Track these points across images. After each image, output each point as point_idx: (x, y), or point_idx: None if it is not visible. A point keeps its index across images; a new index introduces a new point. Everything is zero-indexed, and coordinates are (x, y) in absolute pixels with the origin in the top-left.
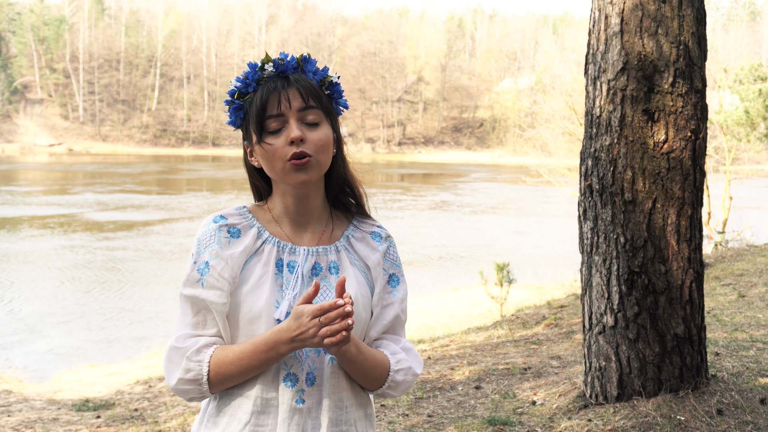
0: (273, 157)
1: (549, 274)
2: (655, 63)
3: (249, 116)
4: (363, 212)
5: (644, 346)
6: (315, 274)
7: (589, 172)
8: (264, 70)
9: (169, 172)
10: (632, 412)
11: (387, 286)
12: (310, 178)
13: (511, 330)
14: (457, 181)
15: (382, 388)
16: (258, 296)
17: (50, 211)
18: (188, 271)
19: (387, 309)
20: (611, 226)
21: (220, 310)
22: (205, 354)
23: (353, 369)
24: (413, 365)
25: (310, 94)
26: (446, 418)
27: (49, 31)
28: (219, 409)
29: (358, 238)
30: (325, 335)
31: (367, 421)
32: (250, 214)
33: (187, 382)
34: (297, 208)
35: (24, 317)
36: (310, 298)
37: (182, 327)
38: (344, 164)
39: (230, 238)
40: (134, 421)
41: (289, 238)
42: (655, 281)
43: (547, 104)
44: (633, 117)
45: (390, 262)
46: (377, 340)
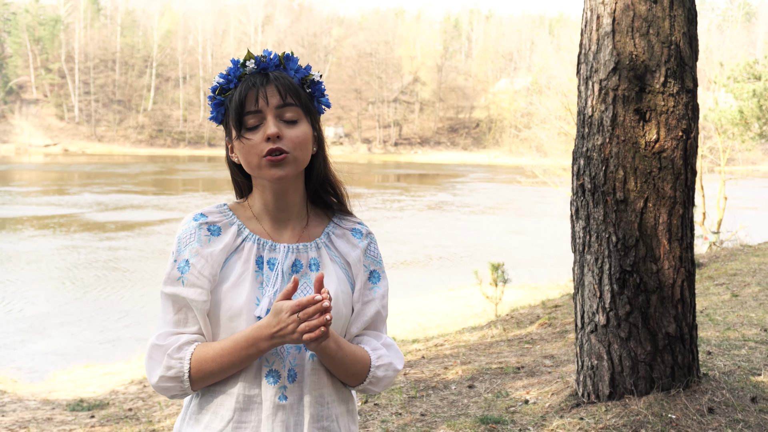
0: (250, 152)
1: (544, 274)
2: (647, 63)
3: (229, 112)
4: (344, 210)
5: (636, 345)
6: (295, 271)
7: (581, 172)
8: (245, 67)
9: (166, 173)
10: (624, 410)
11: (368, 282)
12: (286, 173)
13: (505, 330)
14: (454, 182)
15: (363, 384)
16: (238, 294)
17: (50, 212)
18: (169, 269)
19: (368, 305)
20: (603, 225)
21: (200, 308)
22: (186, 351)
23: (333, 365)
24: (394, 361)
25: (288, 92)
26: (439, 417)
27: (45, 31)
28: (201, 407)
29: (339, 235)
30: (304, 331)
31: (349, 417)
32: (230, 211)
33: (169, 380)
34: (276, 205)
35: (20, 317)
36: (289, 295)
37: (163, 325)
38: (325, 163)
39: (210, 236)
40: (128, 420)
41: (269, 236)
42: (647, 280)
43: (542, 105)
44: (624, 117)
45: (371, 259)
46: (358, 336)
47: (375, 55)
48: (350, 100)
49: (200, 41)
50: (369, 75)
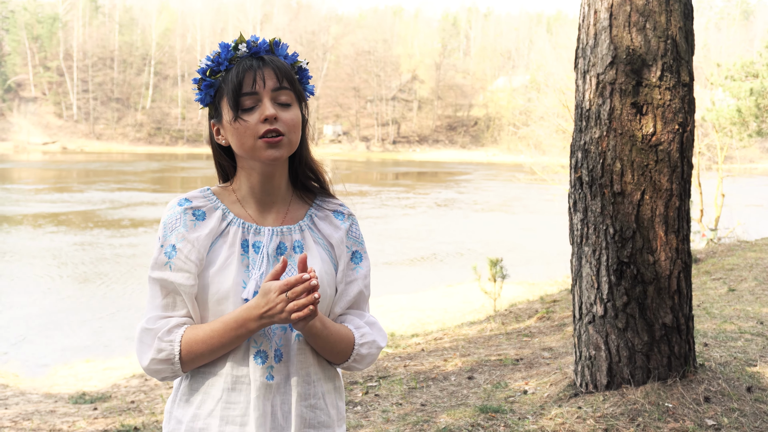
0: (244, 134)
1: (542, 270)
2: (643, 57)
3: (221, 94)
4: (326, 192)
5: (633, 335)
6: (280, 253)
7: (578, 165)
8: (237, 50)
9: (171, 170)
10: (621, 399)
11: (350, 263)
12: (282, 154)
13: (504, 323)
14: (459, 179)
15: (348, 362)
16: (225, 277)
17: (63, 209)
18: (156, 255)
19: (351, 285)
20: (600, 218)
21: (188, 292)
22: (176, 334)
23: (319, 344)
24: (377, 339)
25: (284, 76)
26: (439, 407)
27: (43, 29)
28: (191, 388)
29: (321, 217)
30: (293, 310)
31: (336, 394)
32: (214, 196)
33: (160, 362)
34: (263, 188)
35: (22, 312)
36: (278, 275)
37: (152, 309)
38: (307, 147)
39: (195, 221)
40: (131, 412)
41: (254, 219)
42: (644, 271)
43: (540, 102)
44: (622, 110)
45: (353, 240)
46: (342, 315)
47: (373, 53)
48: (348, 98)
49: (198, 39)
50: (367, 73)
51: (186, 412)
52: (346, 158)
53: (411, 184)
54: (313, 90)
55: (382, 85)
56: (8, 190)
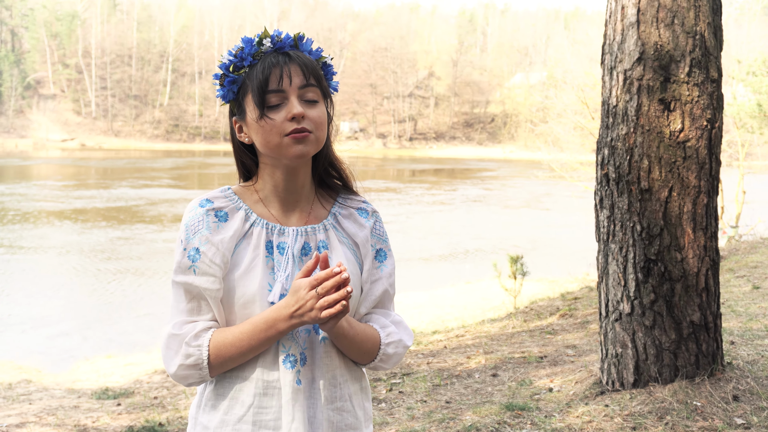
0: (270, 132)
1: (562, 267)
2: (671, 53)
3: (245, 90)
4: (348, 189)
5: (660, 333)
6: (305, 254)
7: (605, 161)
8: (261, 45)
9: (200, 167)
10: (649, 397)
11: (375, 261)
12: (309, 151)
13: (526, 321)
14: (472, 176)
15: (374, 362)
16: (250, 280)
17: (98, 205)
18: (178, 258)
19: (375, 284)
20: (627, 215)
21: (213, 296)
22: (204, 338)
23: (345, 345)
24: (403, 338)
25: (311, 72)
26: (464, 404)
27: (62, 27)
28: (217, 393)
29: (345, 216)
30: (323, 307)
31: (363, 394)
32: (235, 195)
33: (188, 368)
34: (286, 186)
35: (46, 307)
36: (310, 272)
37: (177, 314)
38: (330, 145)
39: (218, 222)
40: (154, 408)
41: (277, 219)
42: (672, 269)
43: (559, 99)
44: (649, 106)
45: (377, 237)
46: (367, 315)
47: (390, 50)
48: (365, 95)
49: (216, 36)
50: (384, 70)
51: (212, 418)
52: (362, 155)
53: (433, 181)
54: (337, 86)
55: (398, 81)
56: (41, 186)
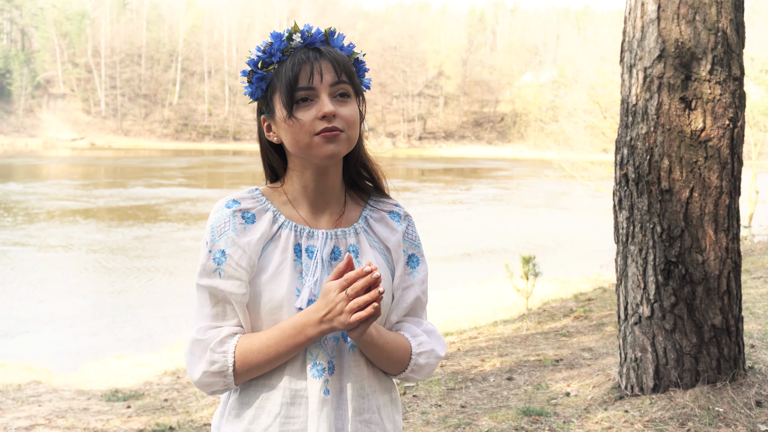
0: (300, 131)
1: (573, 267)
2: (693, 50)
3: (274, 88)
4: (380, 192)
5: (681, 337)
6: (334, 258)
7: (624, 161)
8: (291, 40)
9: (214, 166)
10: (669, 403)
11: (407, 267)
12: (340, 150)
13: (540, 322)
14: (481, 176)
15: (405, 372)
16: (278, 285)
17: (118, 203)
18: (203, 261)
19: (407, 291)
20: (647, 216)
21: (239, 301)
22: (230, 344)
23: (374, 354)
24: (436, 348)
25: (343, 69)
26: (479, 409)
27: (72, 26)
28: (242, 402)
29: (377, 219)
30: (353, 309)
31: (393, 406)
32: (263, 197)
33: (212, 375)
34: (316, 187)
35: (46, 308)
36: (341, 274)
37: (202, 318)
38: (362, 144)
39: (245, 224)
40: (165, 411)
41: (306, 222)
42: (693, 271)
43: (569, 98)
44: (670, 105)
45: (409, 242)
46: (398, 323)
47: (399, 49)
48: (375, 94)
49: (225, 35)
50: (393, 69)
51: (236, 428)
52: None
53: (447, 180)
54: (369, 83)
55: (408, 81)
56: (60, 185)
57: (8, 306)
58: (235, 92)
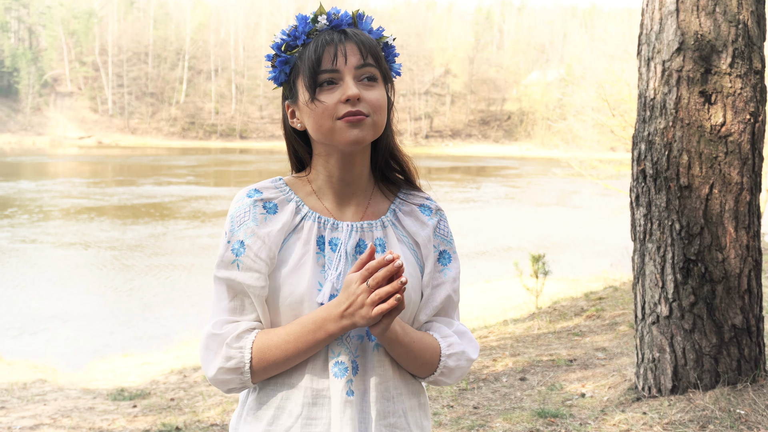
0: (322, 115)
1: (582, 266)
2: (713, 43)
3: (297, 71)
4: (411, 184)
5: (700, 337)
6: (359, 252)
7: (642, 157)
8: (317, 23)
9: (223, 164)
10: (689, 405)
11: (437, 264)
12: (365, 136)
13: (551, 321)
14: (489, 174)
15: (434, 375)
16: (299, 278)
17: (134, 201)
18: (222, 252)
19: (438, 289)
20: (666, 213)
21: (258, 294)
22: (247, 340)
23: (400, 353)
24: (467, 350)
25: (369, 52)
26: (493, 410)
27: (79, 25)
28: (261, 401)
29: (406, 212)
30: (375, 301)
31: (421, 411)
32: (287, 186)
33: (228, 371)
34: (341, 176)
35: (62, 305)
36: (364, 265)
37: (218, 312)
38: (392, 134)
39: (266, 215)
40: (171, 410)
41: (331, 213)
42: (712, 269)
43: (578, 95)
44: (689, 99)
45: (440, 238)
46: (427, 323)
47: (406, 47)
48: None
49: (232, 34)
50: None
51: (255, 429)
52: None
53: (457, 179)
54: (399, 69)
55: (414, 79)
56: (72, 183)
57: (24, 304)
58: (241, 90)
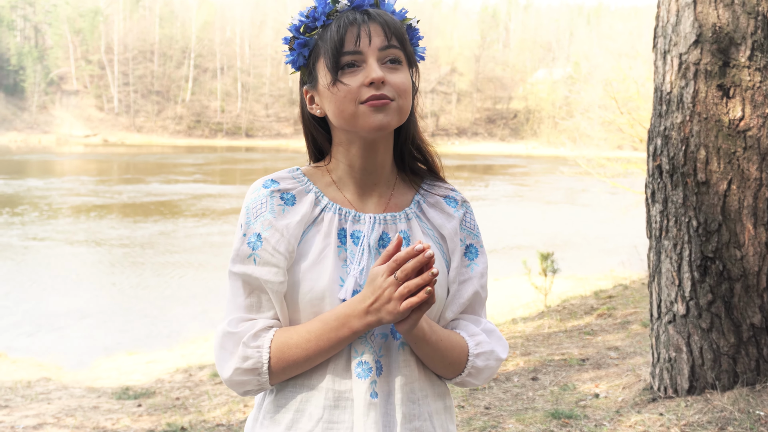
0: (345, 99)
1: (589, 264)
2: (731, 35)
3: (317, 53)
4: (435, 175)
5: (718, 337)
6: (382, 246)
7: (658, 152)
8: (337, 3)
9: (230, 162)
10: (706, 406)
11: (464, 258)
12: (390, 121)
13: (561, 320)
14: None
15: (462, 376)
16: (320, 273)
17: (144, 199)
18: (237, 245)
19: (465, 285)
20: (682, 209)
21: (276, 290)
22: (265, 338)
23: (427, 352)
24: (496, 349)
25: (393, 33)
26: (505, 411)
27: (85, 23)
28: (278, 404)
29: (431, 204)
30: (403, 295)
31: (447, 415)
32: (304, 177)
33: (245, 372)
34: (363, 165)
35: (73, 303)
36: (391, 257)
37: (234, 309)
38: (415, 122)
39: (284, 206)
40: (176, 410)
41: (352, 204)
42: (731, 267)
43: (586, 92)
44: (706, 93)
45: (467, 231)
46: (454, 321)
47: None
48: None
49: (238, 32)
50: None
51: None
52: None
53: (465, 177)
54: (423, 53)
55: (420, 77)
56: (80, 181)
57: (35, 302)
58: (247, 89)
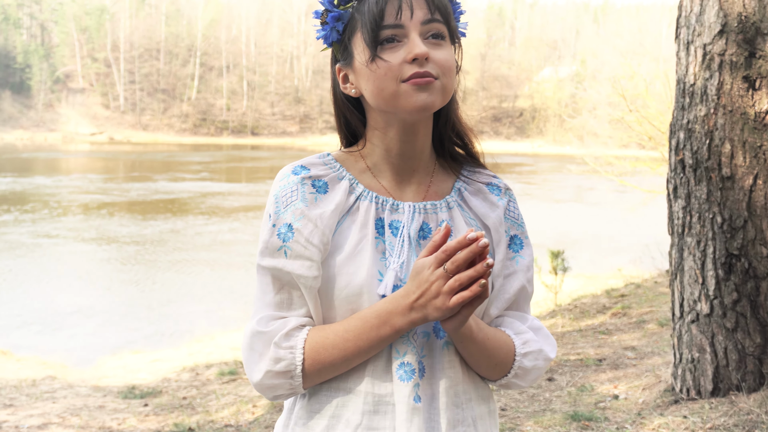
0: (385, 77)
1: (599, 263)
2: (758, 25)
3: (354, 28)
4: (475, 161)
5: (744, 337)
6: (423, 237)
7: (680, 146)
8: None
9: (236, 160)
10: (731, 408)
11: (509, 251)
12: (434, 101)
13: (575, 319)
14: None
15: (508, 377)
16: (357, 267)
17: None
18: (266, 237)
19: (510, 279)
20: (706, 205)
21: (309, 285)
22: (298, 338)
23: (472, 352)
24: (545, 348)
25: (437, 6)
26: (522, 412)
27: (91, 21)
28: (311, 409)
29: (473, 192)
30: (454, 289)
31: (491, 420)
32: (336, 163)
33: (276, 375)
34: (401, 150)
35: (83, 301)
36: (437, 247)
37: (263, 307)
38: (456, 104)
39: (316, 194)
40: (183, 410)
41: (389, 192)
42: (757, 265)
43: (593, 90)
44: (732, 84)
45: (511, 221)
46: (498, 318)
47: None
48: None
49: (243, 30)
50: None
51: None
52: None
53: None
54: (465, 30)
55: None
56: (88, 179)
57: (45, 300)
58: (253, 87)
